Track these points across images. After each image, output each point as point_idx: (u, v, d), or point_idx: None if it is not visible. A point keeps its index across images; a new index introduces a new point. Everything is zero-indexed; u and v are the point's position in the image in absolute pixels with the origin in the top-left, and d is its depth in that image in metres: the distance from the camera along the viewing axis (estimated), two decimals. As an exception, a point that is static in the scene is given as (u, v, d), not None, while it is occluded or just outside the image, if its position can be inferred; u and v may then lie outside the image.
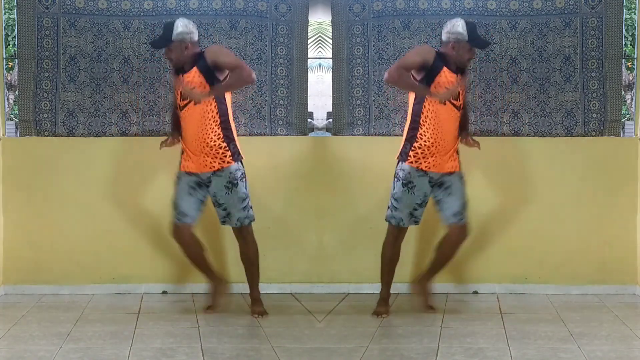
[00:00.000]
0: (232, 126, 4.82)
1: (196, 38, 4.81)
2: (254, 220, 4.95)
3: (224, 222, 4.95)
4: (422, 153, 4.74)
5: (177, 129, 4.93)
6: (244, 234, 4.93)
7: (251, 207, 4.93)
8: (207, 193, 4.87)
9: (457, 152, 4.88)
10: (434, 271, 5.02)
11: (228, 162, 4.77)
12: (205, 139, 4.75)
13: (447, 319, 4.79)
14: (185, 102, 4.77)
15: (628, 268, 5.51)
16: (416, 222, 4.96)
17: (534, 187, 5.48)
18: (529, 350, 4.16)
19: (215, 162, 4.76)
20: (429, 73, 4.69)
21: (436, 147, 4.73)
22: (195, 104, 4.71)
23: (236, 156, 4.80)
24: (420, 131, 4.74)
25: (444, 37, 4.79)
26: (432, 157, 4.74)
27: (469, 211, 4.95)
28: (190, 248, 4.93)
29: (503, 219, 5.50)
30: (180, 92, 4.76)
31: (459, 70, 4.76)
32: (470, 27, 4.76)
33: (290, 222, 5.55)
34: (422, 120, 4.74)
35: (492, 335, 4.45)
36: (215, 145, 4.75)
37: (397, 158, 4.84)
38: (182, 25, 4.75)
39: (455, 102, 4.75)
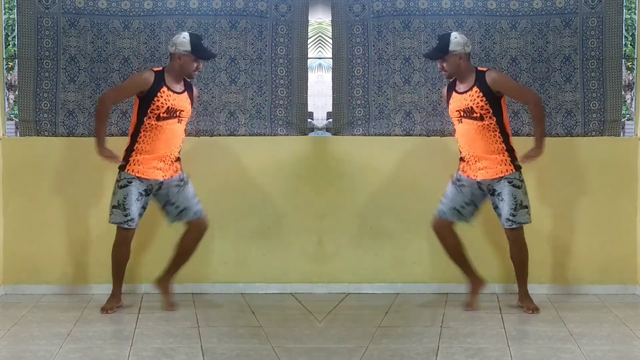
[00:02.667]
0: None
1: (181, 50, 4.92)
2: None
3: (177, 219, 5.06)
4: (466, 165, 5.02)
5: (104, 133, 5.00)
6: (201, 225, 5.08)
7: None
8: (150, 199, 5.02)
9: (507, 157, 4.95)
10: (520, 278, 5.11)
11: (176, 173, 5.03)
12: (174, 152, 5.01)
13: (447, 319, 4.79)
14: (168, 115, 4.92)
15: (628, 268, 5.51)
16: (465, 221, 5.07)
17: (534, 187, 5.47)
18: (529, 350, 4.15)
19: (168, 172, 4.99)
20: (447, 105, 5.09)
21: (470, 158, 4.99)
22: (178, 122, 4.97)
23: (181, 168, 5.08)
24: (459, 145, 5.05)
25: (452, 47, 4.90)
26: (469, 166, 5.00)
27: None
28: (124, 253, 5.07)
29: (503, 219, 5.50)
30: (168, 107, 4.91)
31: (479, 81, 4.89)
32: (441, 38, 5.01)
33: (290, 222, 5.55)
34: (457, 140, 5.06)
35: (492, 335, 4.45)
36: (176, 158, 5.03)
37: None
38: (182, 37, 4.95)
39: (472, 115, 4.92)
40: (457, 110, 4.96)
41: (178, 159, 5.05)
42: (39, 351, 4.11)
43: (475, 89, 4.89)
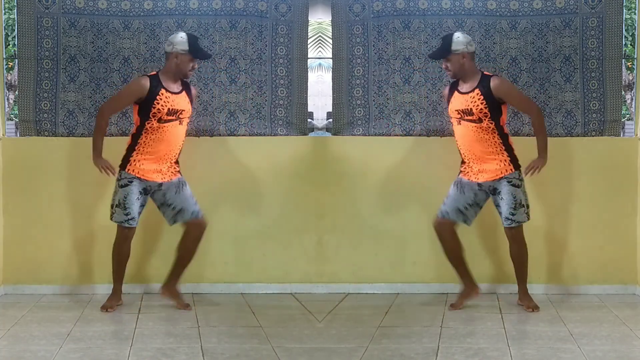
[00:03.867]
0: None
1: (178, 48, 4.94)
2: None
3: (174, 221, 5.07)
4: (467, 167, 5.05)
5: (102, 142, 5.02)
6: (199, 225, 5.07)
7: None
8: (148, 199, 5.04)
9: (507, 157, 4.97)
10: (520, 277, 5.13)
11: (175, 176, 5.04)
12: (175, 154, 5.02)
13: (447, 319, 4.79)
14: (170, 117, 4.94)
15: (628, 268, 5.51)
16: (465, 222, 5.08)
17: (534, 187, 5.47)
18: (529, 350, 4.16)
19: (167, 175, 5.01)
20: (447, 104, 5.11)
21: (469, 159, 5.01)
22: (179, 123, 4.97)
23: (179, 171, 5.09)
24: (459, 149, 5.07)
25: (460, 48, 4.92)
26: (470, 168, 5.03)
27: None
28: (124, 252, 5.07)
29: (503, 219, 5.50)
30: (169, 109, 4.92)
31: (482, 85, 4.91)
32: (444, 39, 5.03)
33: (290, 222, 5.55)
34: (457, 141, 5.07)
35: (492, 335, 4.45)
36: (174, 161, 5.04)
37: None
38: (179, 37, 4.98)
39: (470, 117, 4.93)
40: (456, 110, 4.97)
41: (177, 162, 5.06)
42: (39, 351, 4.11)
43: (477, 91, 4.90)
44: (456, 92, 4.99)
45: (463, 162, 5.06)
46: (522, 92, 5.28)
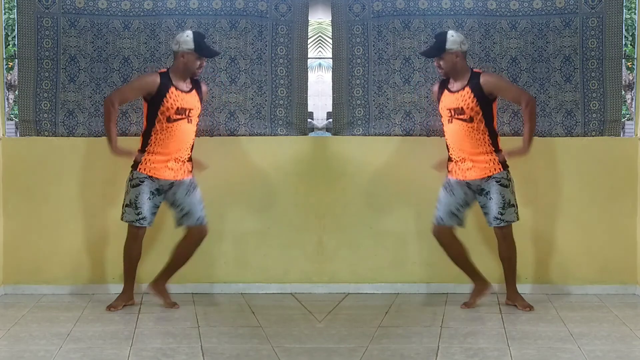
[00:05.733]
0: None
1: (184, 47, 4.94)
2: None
3: (180, 223, 5.07)
4: (455, 165, 5.03)
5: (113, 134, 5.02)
6: (201, 232, 5.08)
7: None
8: (163, 199, 5.04)
9: (495, 156, 4.97)
10: (510, 277, 5.14)
11: (187, 175, 5.04)
12: (185, 152, 5.01)
13: (447, 319, 4.79)
14: (179, 116, 4.95)
15: (628, 268, 5.51)
16: (460, 224, 5.08)
17: (534, 187, 5.48)
18: (529, 350, 4.15)
19: (179, 173, 5.00)
20: (437, 102, 5.12)
21: (458, 158, 5.01)
22: (188, 122, 4.97)
23: (191, 171, 5.10)
24: (448, 148, 5.07)
25: (454, 47, 4.94)
26: (457, 167, 5.02)
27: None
28: (135, 251, 5.08)
29: (503, 219, 5.50)
30: (178, 107, 4.94)
31: (472, 82, 4.93)
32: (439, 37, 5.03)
33: (290, 222, 5.55)
34: (446, 140, 5.09)
35: (492, 335, 4.45)
36: (186, 160, 5.03)
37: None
38: (185, 36, 4.98)
39: (461, 116, 4.94)
40: (447, 109, 4.98)
41: (189, 161, 5.06)
42: (39, 351, 4.11)
43: (467, 89, 4.92)
44: (446, 91, 5.00)
45: (450, 161, 5.06)
46: (512, 82, 5.28)
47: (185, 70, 4.96)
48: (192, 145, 5.07)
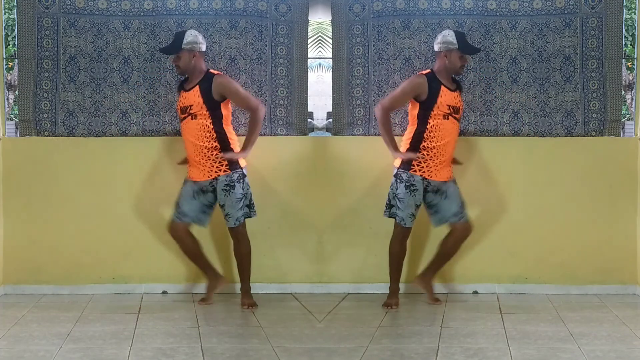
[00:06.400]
0: (229, 138, 5.05)
1: (204, 49, 5.10)
2: (249, 216, 5.14)
3: (227, 223, 5.13)
4: (425, 163, 5.00)
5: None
6: (235, 233, 5.13)
7: (251, 205, 5.14)
8: (211, 198, 5.10)
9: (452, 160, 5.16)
10: (437, 266, 5.25)
11: (224, 171, 5.02)
12: (202, 150, 5.01)
13: (447, 319, 4.79)
14: (184, 115, 5.04)
15: (628, 268, 5.51)
16: (412, 223, 5.14)
17: (534, 187, 5.48)
18: (529, 350, 4.16)
19: (212, 171, 5.03)
20: (429, 98, 4.99)
21: (439, 158, 5.01)
22: (192, 118, 5.00)
23: (233, 165, 5.03)
24: (424, 143, 5.01)
25: (436, 47, 5.08)
26: (434, 167, 5.01)
27: (469, 210, 5.01)
28: (185, 244, 5.15)
29: (503, 219, 5.50)
30: (180, 107, 5.06)
31: (457, 86, 5.10)
32: (459, 36, 5.05)
33: (290, 222, 5.55)
34: (427, 134, 5.00)
35: (492, 335, 4.45)
36: (211, 156, 5.00)
37: (399, 166, 5.05)
38: (192, 35, 5.05)
39: (456, 115, 5.04)
40: (448, 105, 5.02)
41: (218, 154, 4.99)
42: (39, 351, 4.11)
43: (458, 92, 5.09)
44: (444, 88, 5.02)
45: (421, 158, 4.99)
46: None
47: (192, 70, 5.05)
48: (221, 140, 4.99)
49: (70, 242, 5.50)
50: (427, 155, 5.00)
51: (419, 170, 5.00)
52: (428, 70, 5.08)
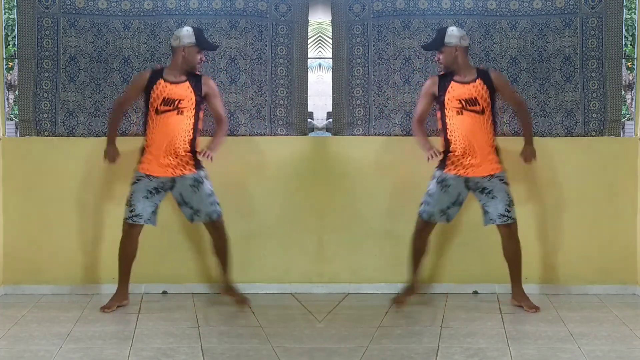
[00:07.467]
0: (197, 139, 5.07)
1: (185, 42, 5.00)
2: (221, 214, 5.10)
3: (192, 220, 5.09)
4: (456, 161, 4.99)
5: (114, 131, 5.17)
6: (216, 227, 5.10)
7: (217, 203, 5.10)
8: (163, 197, 5.04)
9: (497, 154, 5.02)
10: (514, 276, 5.14)
11: (190, 170, 5.00)
12: (179, 145, 4.98)
13: (447, 319, 4.79)
14: (167, 107, 4.97)
15: (628, 268, 5.51)
16: (447, 220, 5.09)
17: (534, 187, 5.48)
18: (529, 350, 4.16)
19: (178, 169, 4.99)
20: (439, 96, 5.02)
21: (466, 154, 4.98)
22: (178, 113, 4.96)
23: (198, 165, 5.04)
24: (451, 141, 5.01)
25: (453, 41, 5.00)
26: (465, 163, 4.98)
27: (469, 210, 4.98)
28: (131, 248, 5.08)
29: (503, 219, 5.50)
30: (164, 97, 4.97)
31: (479, 74, 5.01)
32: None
33: (290, 222, 5.55)
34: (449, 133, 5.02)
35: (492, 335, 4.45)
36: (184, 155, 4.99)
37: (436, 167, 5.06)
38: (187, 32, 5.03)
39: (474, 107, 4.97)
40: (458, 100, 4.97)
41: (193, 157, 5.01)
42: (39, 351, 4.11)
43: (479, 81, 4.98)
44: (454, 83, 4.99)
45: (448, 156, 5.01)
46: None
47: (184, 65, 5.00)
48: (193, 139, 5.01)
49: (70, 242, 5.50)
50: (454, 152, 4.99)
51: (454, 169, 4.99)
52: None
